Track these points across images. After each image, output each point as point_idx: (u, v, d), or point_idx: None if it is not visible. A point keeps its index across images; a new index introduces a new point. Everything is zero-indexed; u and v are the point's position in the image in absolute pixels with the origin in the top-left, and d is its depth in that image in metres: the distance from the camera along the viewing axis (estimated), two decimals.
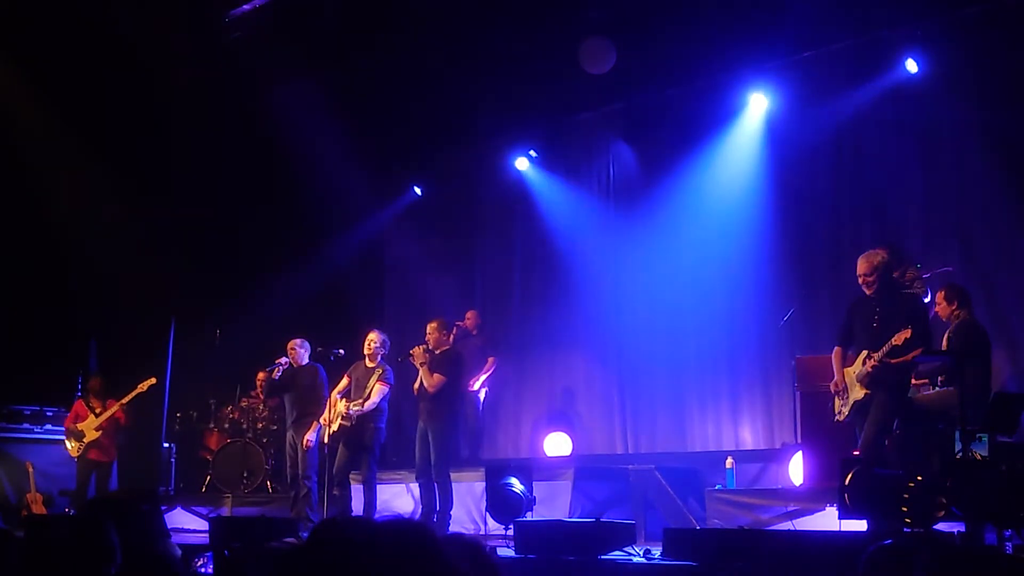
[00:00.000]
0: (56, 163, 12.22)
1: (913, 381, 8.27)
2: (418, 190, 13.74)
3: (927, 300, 8.48)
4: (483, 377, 11.68)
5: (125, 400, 11.12)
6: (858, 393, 7.06)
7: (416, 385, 9.28)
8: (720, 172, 11.28)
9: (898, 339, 6.81)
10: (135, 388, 11.15)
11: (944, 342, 8.01)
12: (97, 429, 11.05)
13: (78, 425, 11.08)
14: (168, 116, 11.93)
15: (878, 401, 6.99)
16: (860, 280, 7.15)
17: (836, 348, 7.41)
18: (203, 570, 7.18)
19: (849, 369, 7.22)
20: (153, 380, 11.22)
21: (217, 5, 10.94)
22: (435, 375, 9.07)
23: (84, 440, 11.01)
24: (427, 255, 13.62)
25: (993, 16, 9.48)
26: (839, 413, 7.28)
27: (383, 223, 14.06)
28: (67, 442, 11.12)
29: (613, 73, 10.75)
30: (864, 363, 7.04)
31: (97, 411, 11.12)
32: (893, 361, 6.87)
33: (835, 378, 7.30)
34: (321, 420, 9.60)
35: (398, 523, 1.49)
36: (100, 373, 11.53)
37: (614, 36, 10.52)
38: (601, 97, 11.79)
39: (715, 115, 11.25)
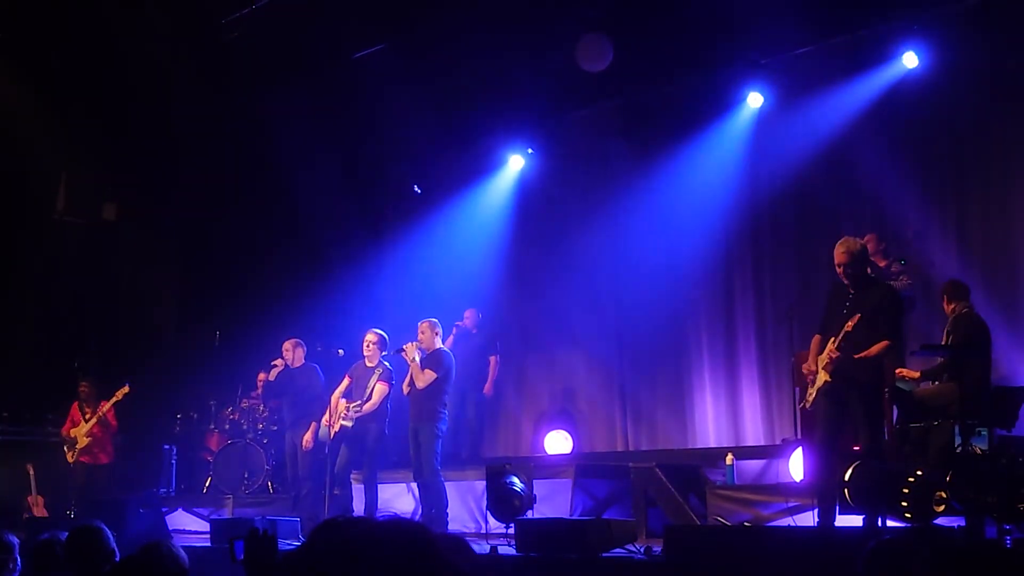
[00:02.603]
0: (56, 164, 12.23)
1: (907, 374, 8.27)
2: (418, 188, 13.73)
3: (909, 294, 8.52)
4: (491, 379, 11.66)
5: (106, 408, 11.08)
6: (821, 379, 6.92)
7: (405, 384, 9.28)
8: (718, 168, 11.27)
9: (849, 325, 6.66)
10: (112, 396, 11.13)
11: (944, 337, 8.03)
12: (87, 435, 11.05)
13: (71, 432, 11.09)
14: (168, 116, 11.93)
15: (854, 413, 6.83)
16: (838, 270, 7.00)
17: (815, 336, 7.12)
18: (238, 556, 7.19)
19: (822, 356, 7.09)
20: (127, 388, 11.17)
21: (215, 8, 10.94)
22: (426, 371, 9.08)
23: (76, 446, 11.02)
24: (426, 253, 13.61)
25: (990, 8, 9.48)
26: (807, 399, 7.11)
27: (383, 222, 14.05)
28: (64, 448, 11.14)
29: (610, 70, 10.75)
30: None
31: (87, 416, 11.12)
32: (856, 356, 6.74)
33: (808, 364, 7.12)
34: (323, 421, 9.59)
35: (397, 523, 1.50)
36: (88, 377, 11.50)
37: (611, 33, 10.52)
38: (598, 94, 11.79)
39: (712, 111, 11.25)
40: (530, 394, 12.75)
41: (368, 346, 9.42)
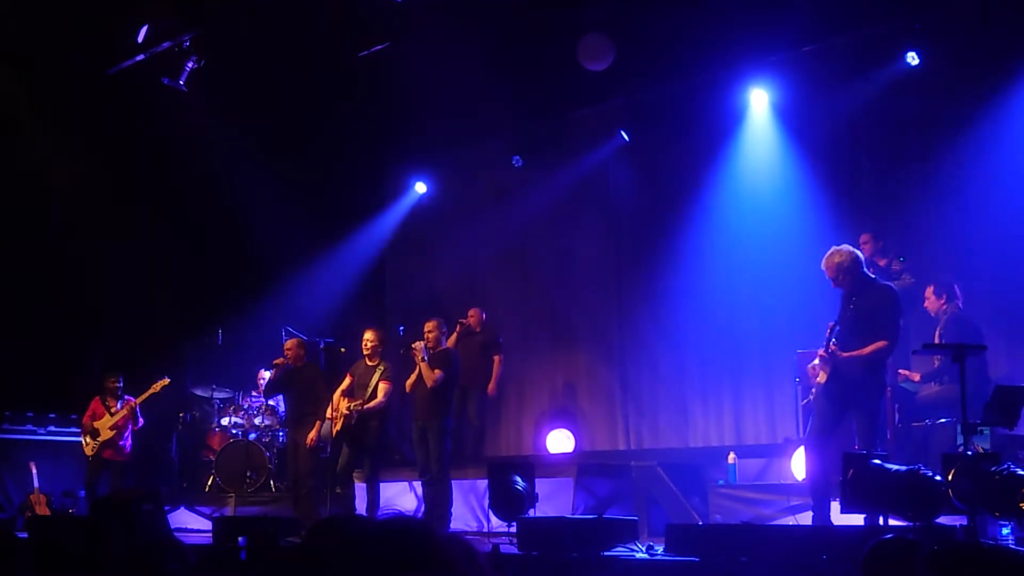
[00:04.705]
0: (60, 167, 12.25)
1: (909, 376, 8.29)
2: (422, 187, 13.73)
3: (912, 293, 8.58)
4: (495, 378, 11.64)
5: (139, 400, 11.15)
6: (822, 377, 7.01)
7: (410, 383, 9.29)
8: (720, 167, 11.28)
9: (827, 332, 6.80)
10: (148, 388, 11.19)
11: (936, 338, 8.06)
12: (112, 428, 11.08)
13: (94, 423, 11.14)
14: (166, 113, 11.92)
15: (854, 412, 6.90)
16: (832, 283, 7.08)
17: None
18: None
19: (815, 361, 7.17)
20: (167, 381, 11.25)
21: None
22: (435, 371, 9.10)
23: (99, 439, 11.04)
24: (428, 252, 13.62)
25: (991, 8, 9.49)
26: (810, 397, 7.24)
27: (385, 221, 14.06)
28: (83, 439, 11.18)
29: (613, 69, 10.74)
30: None
31: (112, 410, 11.17)
32: (844, 355, 6.78)
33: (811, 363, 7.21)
34: (326, 417, 9.61)
35: (397, 521, 1.50)
36: (117, 372, 11.54)
37: (612, 32, 10.51)
38: (601, 93, 11.78)
39: (716, 111, 11.25)
40: (532, 393, 12.76)
41: (367, 345, 9.45)
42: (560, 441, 11.79)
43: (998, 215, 9.49)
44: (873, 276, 7.23)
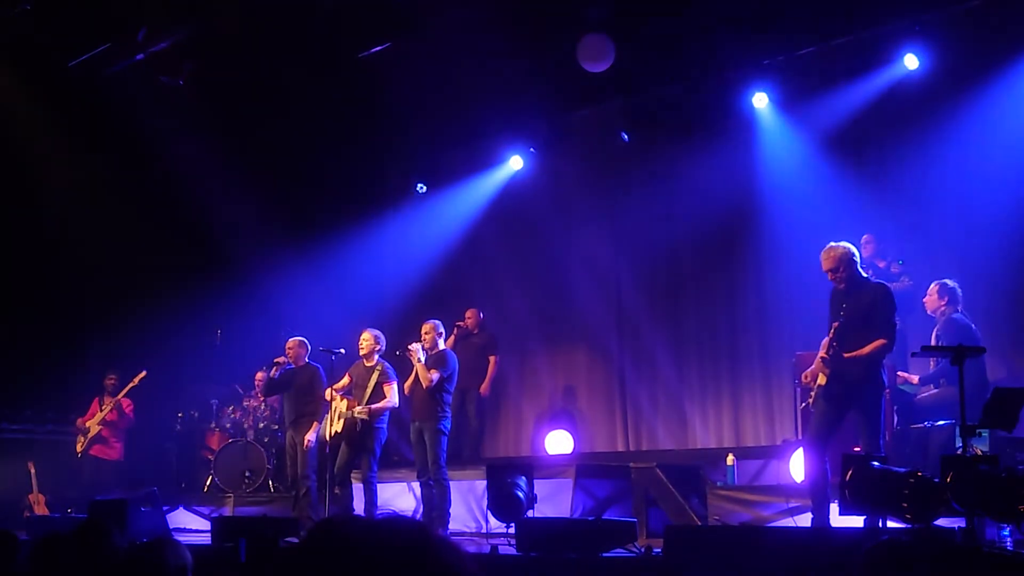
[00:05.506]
0: (57, 167, 12.26)
1: (907, 377, 8.28)
2: (422, 187, 13.73)
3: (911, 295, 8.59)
4: (488, 379, 11.65)
5: (120, 395, 11.20)
6: (821, 379, 7.00)
7: (408, 384, 9.30)
8: (720, 167, 11.28)
9: (831, 332, 6.81)
10: (128, 383, 11.27)
11: (932, 339, 8.07)
12: (99, 424, 11.11)
13: (86, 422, 11.18)
14: (165, 113, 11.92)
15: (854, 413, 6.92)
16: (829, 277, 7.07)
17: (824, 340, 7.18)
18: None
19: (813, 366, 7.16)
20: (143, 373, 11.32)
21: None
22: (431, 371, 9.10)
23: (87, 436, 11.07)
24: (427, 252, 13.62)
25: (991, 8, 9.49)
26: (809, 399, 7.24)
27: (385, 221, 14.06)
28: (78, 438, 11.26)
29: (613, 69, 10.75)
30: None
31: (104, 407, 11.22)
32: (847, 355, 6.80)
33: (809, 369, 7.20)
34: (326, 419, 9.61)
35: (396, 522, 1.50)
36: (114, 371, 11.58)
37: (612, 34, 10.51)
38: (600, 94, 11.79)
39: (716, 111, 11.26)
40: (531, 394, 12.76)
41: (363, 345, 9.46)
42: (559, 442, 11.79)
43: (998, 217, 9.49)
44: (866, 276, 7.23)
